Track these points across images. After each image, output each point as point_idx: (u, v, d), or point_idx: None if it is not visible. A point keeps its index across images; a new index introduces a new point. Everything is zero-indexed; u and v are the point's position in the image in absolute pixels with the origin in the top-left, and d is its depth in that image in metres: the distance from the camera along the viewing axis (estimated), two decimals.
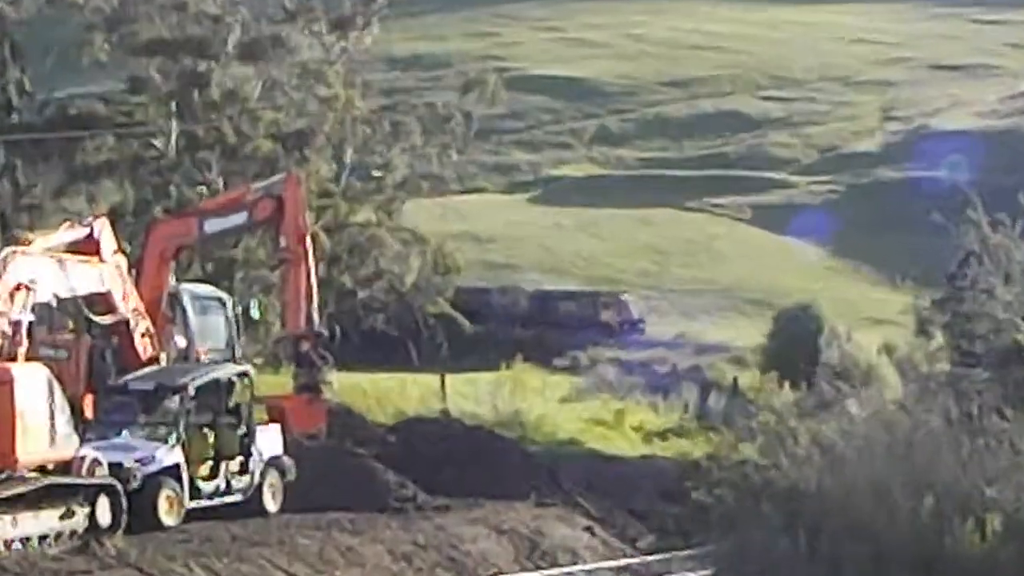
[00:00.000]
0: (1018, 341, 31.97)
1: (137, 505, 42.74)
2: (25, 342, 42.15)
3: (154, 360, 48.51)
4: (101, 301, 47.26)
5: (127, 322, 48.18)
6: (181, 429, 45.95)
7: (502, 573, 45.75)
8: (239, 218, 57.67)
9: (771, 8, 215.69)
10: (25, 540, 39.34)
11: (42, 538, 39.70)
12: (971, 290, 45.66)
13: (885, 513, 26.35)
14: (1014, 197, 38.41)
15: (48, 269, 44.37)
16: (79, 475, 41.23)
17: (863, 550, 26.10)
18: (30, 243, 46.17)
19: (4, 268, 41.66)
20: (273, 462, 48.96)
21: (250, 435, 48.47)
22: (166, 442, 45.26)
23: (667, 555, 44.91)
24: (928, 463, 27.11)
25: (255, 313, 62.26)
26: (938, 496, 26.28)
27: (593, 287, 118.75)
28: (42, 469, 40.37)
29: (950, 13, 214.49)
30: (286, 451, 49.78)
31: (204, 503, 45.99)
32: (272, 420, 50.07)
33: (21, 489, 39.39)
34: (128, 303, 48.13)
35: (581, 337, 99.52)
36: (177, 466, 44.98)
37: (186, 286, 53.28)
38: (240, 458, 47.84)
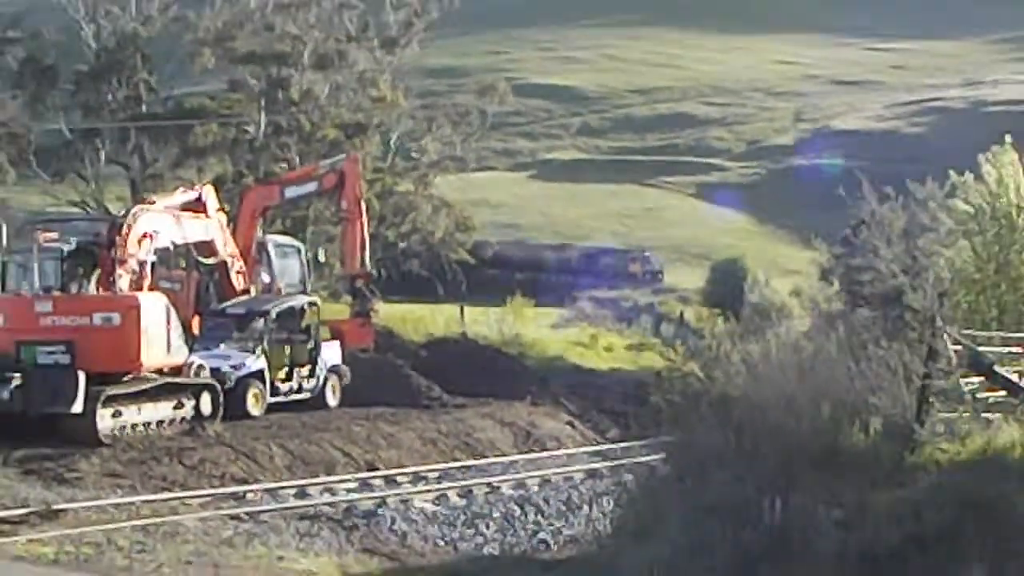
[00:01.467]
0: (896, 287, 31.90)
1: (231, 400, 43.93)
2: (149, 277, 42.60)
3: (245, 292, 49.13)
4: (206, 247, 48.33)
5: (225, 263, 48.97)
6: (265, 344, 47.04)
7: (504, 455, 45.93)
8: (311, 187, 58.61)
9: (716, 37, 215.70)
10: (147, 424, 39.84)
11: (159, 423, 40.80)
12: (860, 249, 45.72)
13: (793, 417, 26.23)
14: (894, 179, 38.54)
15: (167, 222, 45.36)
16: (188, 377, 42.55)
17: (776, 446, 25.98)
18: (154, 203, 46.87)
19: (134, 221, 42.36)
20: (334, 369, 49.97)
21: (317, 348, 49.48)
22: (254, 353, 46.20)
23: (629, 444, 44.85)
24: (826, 379, 26.98)
25: (322, 258, 62.95)
26: (833, 404, 26.13)
27: (580, 243, 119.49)
28: (160, 372, 41.08)
29: (850, 42, 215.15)
30: (344, 361, 50.61)
31: (281, 399, 46.61)
32: (333, 337, 50.80)
33: (145, 386, 40.20)
34: (226, 248, 48.90)
35: (615, 284, 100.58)
36: (261, 371, 45.99)
37: (270, 236, 53.95)
38: (309, 365, 48.82)
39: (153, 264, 43.04)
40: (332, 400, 49.02)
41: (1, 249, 48.95)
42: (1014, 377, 25.66)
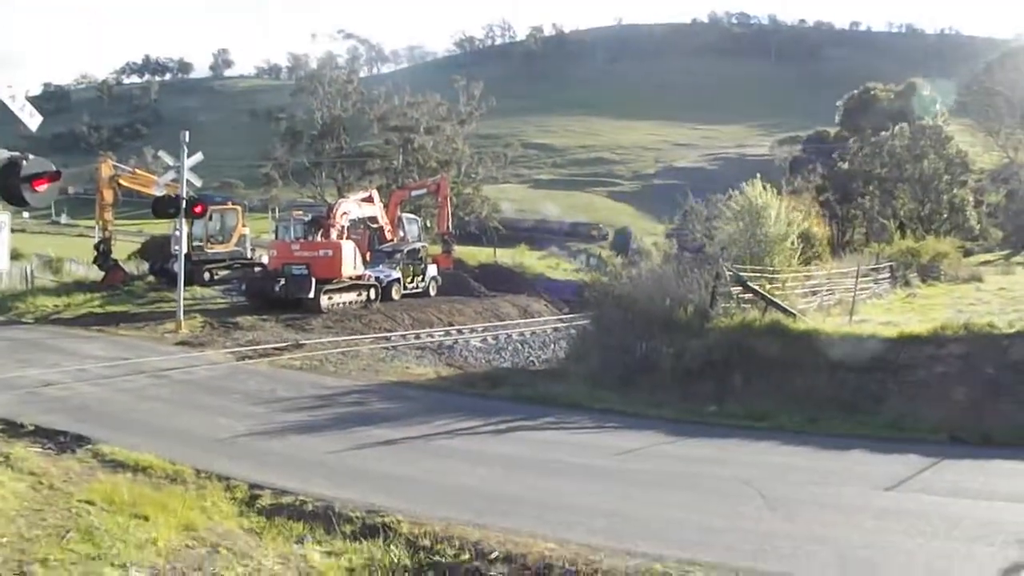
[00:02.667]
0: (701, 244, 32.02)
1: (385, 291, 43.42)
2: (346, 233, 42.39)
3: (392, 241, 48.64)
4: (373, 220, 47.77)
5: (383, 227, 48.47)
6: (401, 265, 46.33)
7: (514, 319, 45.96)
8: (424, 191, 59.06)
9: (618, 122, 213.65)
10: (344, 303, 39.69)
11: (350, 303, 40.44)
12: (686, 224, 45.63)
13: (652, 304, 26.33)
14: (703, 192, 38.86)
15: (354, 207, 45.33)
16: (365, 281, 41.66)
17: (644, 317, 26.08)
18: (348, 198, 46.80)
19: (338, 206, 42.64)
20: (434, 277, 48.94)
21: (426, 267, 48.60)
22: (396, 269, 45.56)
23: (574, 315, 44.86)
24: (668, 286, 27.05)
25: (428, 224, 62.54)
26: (671, 298, 26.19)
27: (561, 219, 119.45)
28: (351, 278, 40.82)
29: (683, 124, 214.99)
30: (439, 273, 49.79)
31: (408, 291, 46.15)
32: (433, 262, 50.01)
33: (343, 285, 39.91)
34: (383, 220, 48.40)
35: (582, 240, 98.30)
36: (399, 278, 45.41)
37: (404, 214, 53.15)
38: (421, 275, 47.98)
39: (347, 227, 43.08)
40: (432, 292, 47.99)
41: (275, 219, 50.36)
42: (755, 286, 25.85)
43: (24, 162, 15.46)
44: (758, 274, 26.95)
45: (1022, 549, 11.69)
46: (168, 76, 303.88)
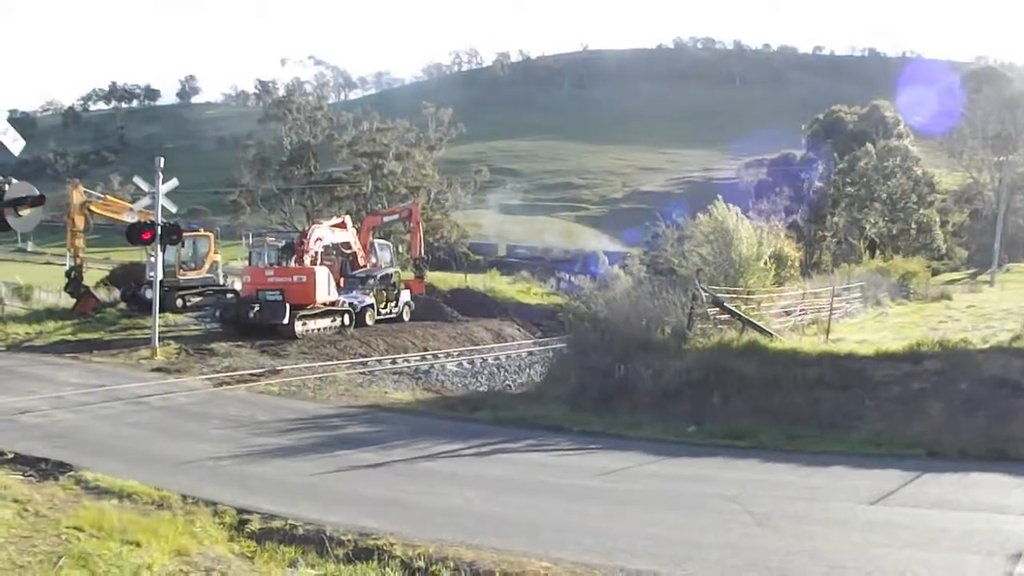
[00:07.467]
0: (672, 267, 32.16)
1: (358, 317, 43.35)
2: (319, 259, 42.24)
3: (365, 267, 48.57)
4: (346, 245, 47.60)
5: (355, 253, 48.39)
6: (374, 290, 46.43)
7: (488, 344, 45.87)
8: (396, 216, 59.14)
9: (585, 146, 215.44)
10: (319, 329, 39.50)
11: (325, 328, 40.23)
12: (656, 247, 45.82)
13: (628, 326, 26.46)
14: (673, 216, 39.06)
15: (327, 232, 44.97)
16: (339, 306, 41.54)
17: (621, 339, 26.18)
18: (320, 224, 46.43)
19: (311, 232, 42.27)
20: (407, 303, 49.05)
21: (398, 293, 48.71)
22: (369, 295, 45.60)
23: (547, 339, 44.94)
24: (644, 308, 27.18)
25: (400, 250, 62.57)
26: (647, 319, 26.33)
27: (531, 244, 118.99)
28: (324, 304, 40.62)
29: (649, 149, 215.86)
30: (412, 299, 49.80)
31: (382, 317, 46.08)
32: (406, 287, 50.06)
33: (317, 311, 39.72)
34: (356, 246, 48.29)
35: (567, 269, 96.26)
36: (373, 304, 45.52)
37: (376, 240, 53.27)
38: (395, 301, 48.02)
39: (320, 253, 42.93)
40: (406, 318, 48.07)
41: (249, 245, 50.25)
42: (732, 307, 26.00)
43: (7, 187, 15.26)
44: (733, 295, 27.14)
45: (1009, 558, 11.81)
46: (135, 103, 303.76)
